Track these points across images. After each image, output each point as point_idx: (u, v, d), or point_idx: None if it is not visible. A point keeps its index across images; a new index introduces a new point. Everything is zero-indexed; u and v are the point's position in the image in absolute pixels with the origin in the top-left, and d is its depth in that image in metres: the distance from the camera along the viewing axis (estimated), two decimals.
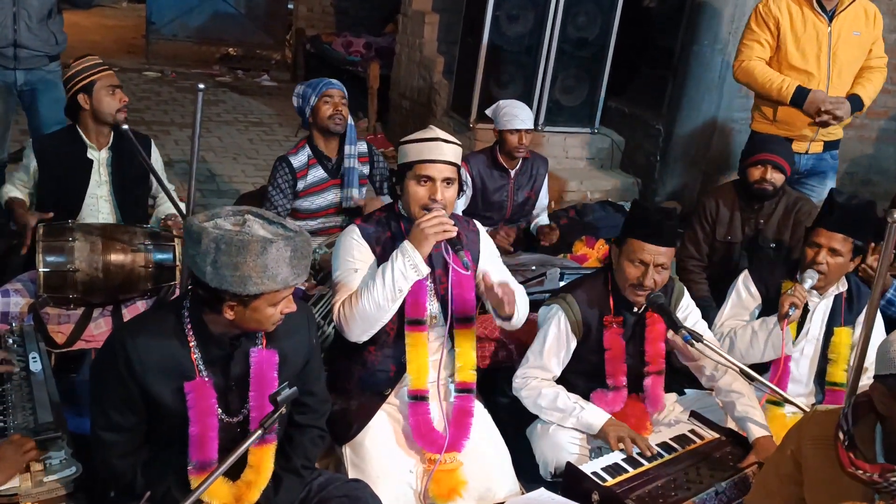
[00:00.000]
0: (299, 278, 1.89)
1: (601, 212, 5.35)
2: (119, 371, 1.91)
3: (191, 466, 1.97)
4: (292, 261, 1.84)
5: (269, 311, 1.90)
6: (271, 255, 1.81)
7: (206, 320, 1.95)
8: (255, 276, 1.81)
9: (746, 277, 3.10)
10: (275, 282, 1.83)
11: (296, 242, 1.86)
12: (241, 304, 1.87)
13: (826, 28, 3.93)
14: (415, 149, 2.48)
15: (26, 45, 3.94)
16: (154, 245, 3.06)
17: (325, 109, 3.54)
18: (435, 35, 6.64)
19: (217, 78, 8.82)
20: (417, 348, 2.53)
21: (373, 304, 2.41)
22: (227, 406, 2.02)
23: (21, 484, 2.04)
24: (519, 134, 3.95)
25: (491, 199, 4.07)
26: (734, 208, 3.66)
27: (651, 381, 2.80)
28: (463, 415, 2.54)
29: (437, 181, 2.46)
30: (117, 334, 2.01)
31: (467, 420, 2.54)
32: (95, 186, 3.33)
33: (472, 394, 2.57)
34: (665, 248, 2.64)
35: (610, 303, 2.75)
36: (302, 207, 3.60)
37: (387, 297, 2.40)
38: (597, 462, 2.55)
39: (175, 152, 6.17)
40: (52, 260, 2.89)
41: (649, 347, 2.78)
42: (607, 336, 2.74)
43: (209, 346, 1.98)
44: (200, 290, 1.89)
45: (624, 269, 2.67)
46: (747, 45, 4.10)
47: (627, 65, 6.23)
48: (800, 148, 4.10)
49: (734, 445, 2.70)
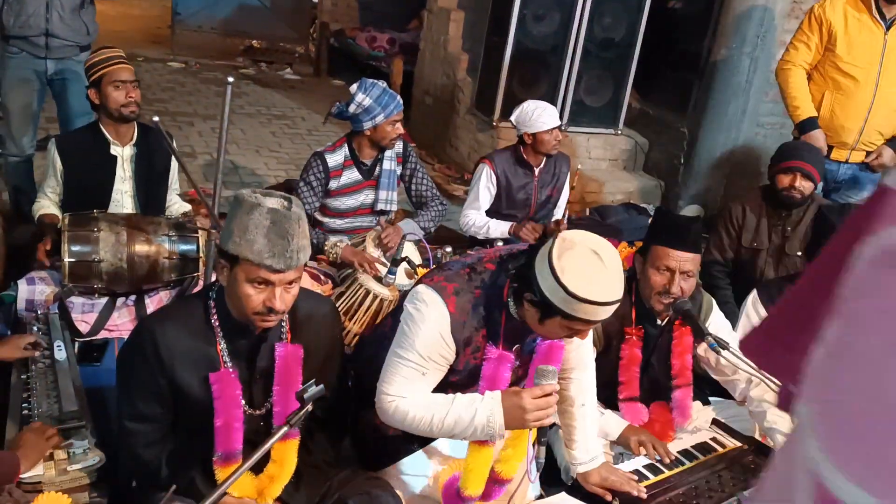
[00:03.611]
0: (276, 259, 1.82)
1: (624, 214, 5.33)
2: (147, 360, 1.93)
3: (216, 457, 1.98)
4: (269, 233, 1.81)
5: (247, 288, 1.85)
6: (253, 218, 1.82)
7: (228, 306, 1.96)
8: (236, 232, 1.83)
9: (756, 300, 3.03)
10: (250, 250, 1.81)
11: (278, 216, 1.82)
12: (228, 265, 1.88)
13: (882, 36, 3.91)
14: (580, 307, 1.92)
15: (58, 34, 3.96)
16: (178, 236, 3.08)
17: (389, 131, 3.47)
18: (460, 32, 6.63)
19: (240, 70, 8.84)
20: (479, 462, 2.16)
21: (428, 430, 2.13)
22: (252, 399, 2.03)
23: (45, 472, 2.06)
24: (554, 132, 3.94)
25: (515, 197, 4.05)
26: (761, 215, 3.62)
27: (680, 395, 2.73)
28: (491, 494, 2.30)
29: (586, 332, 2.11)
30: (146, 323, 2.03)
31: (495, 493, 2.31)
32: (119, 182, 3.34)
33: (504, 486, 2.30)
34: (691, 254, 2.57)
35: (632, 314, 2.68)
36: (332, 206, 3.58)
37: (444, 434, 2.13)
38: (618, 468, 2.53)
39: (199, 144, 6.19)
40: (78, 250, 2.91)
41: (676, 361, 2.71)
42: (625, 347, 2.68)
43: (235, 338, 1.99)
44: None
45: (649, 277, 2.59)
46: (795, 46, 4.11)
47: (653, 66, 6.19)
48: (840, 156, 4.08)
49: (756, 454, 2.68)
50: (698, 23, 5.94)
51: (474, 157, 5.87)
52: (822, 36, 4.01)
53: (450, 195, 5.70)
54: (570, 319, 1.95)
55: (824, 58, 4.04)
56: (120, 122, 3.28)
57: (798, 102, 4.07)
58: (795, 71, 4.09)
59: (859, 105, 3.97)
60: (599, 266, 1.93)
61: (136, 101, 3.25)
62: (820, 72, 4.08)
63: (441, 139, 6.75)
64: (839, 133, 4.06)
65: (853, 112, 3.98)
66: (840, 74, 3.99)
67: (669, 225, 2.62)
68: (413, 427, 2.13)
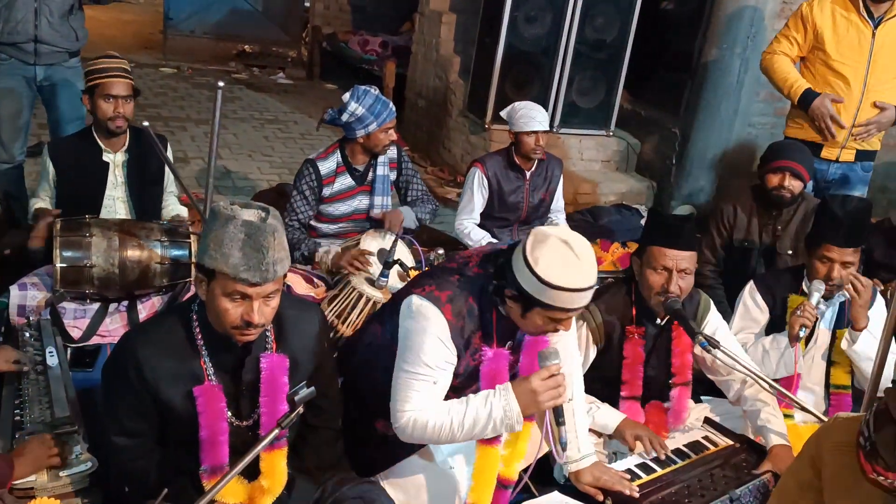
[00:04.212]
0: (251, 273, 1.80)
1: (616, 215, 5.34)
2: (130, 380, 1.92)
3: (202, 471, 1.97)
4: (244, 247, 1.80)
5: (224, 303, 1.85)
6: (228, 231, 1.81)
7: (210, 319, 1.94)
8: (211, 246, 1.83)
9: (752, 289, 3.07)
10: (226, 264, 1.80)
11: (253, 228, 1.81)
12: (205, 280, 1.87)
13: (870, 34, 3.93)
14: (561, 295, 2.02)
15: (47, 40, 3.95)
16: (170, 241, 3.08)
17: (382, 138, 3.46)
18: (452, 35, 6.64)
19: (233, 75, 8.83)
20: (486, 465, 2.23)
21: (449, 435, 2.14)
22: (238, 410, 2.02)
23: (37, 478, 2.06)
24: (535, 136, 3.93)
25: (507, 201, 4.05)
26: (752, 214, 3.63)
27: (678, 393, 2.75)
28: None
29: (568, 321, 2.17)
30: (127, 343, 1.99)
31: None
32: (111, 188, 3.35)
33: (509, 489, 2.38)
34: (686, 252, 2.62)
35: (632, 313, 2.71)
36: (326, 212, 3.57)
37: (465, 436, 2.15)
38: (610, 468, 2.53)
39: (191, 148, 6.18)
40: (69, 255, 2.91)
41: (676, 360, 2.74)
42: (628, 346, 2.70)
43: (219, 352, 1.97)
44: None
45: (647, 278, 2.63)
46: (778, 39, 4.15)
47: (644, 67, 6.20)
48: (830, 155, 4.09)
49: (748, 452, 2.69)
50: (689, 24, 5.96)
51: (467, 159, 5.89)
52: (807, 35, 4.03)
53: (443, 198, 5.70)
54: (548, 309, 2.05)
55: (814, 56, 4.06)
56: (107, 135, 3.30)
57: (791, 80, 4.05)
58: (778, 57, 4.10)
59: (849, 103, 3.99)
60: (571, 255, 2.03)
61: (125, 115, 3.25)
62: (810, 70, 4.10)
63: (434, 141, 6.76)
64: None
65: (843, 110, 4.00)
66: (829, 73, 4.00)
67: (663, 225, 2.66)
68: (435, 436, 2.15)
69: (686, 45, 5.94)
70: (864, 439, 1.73)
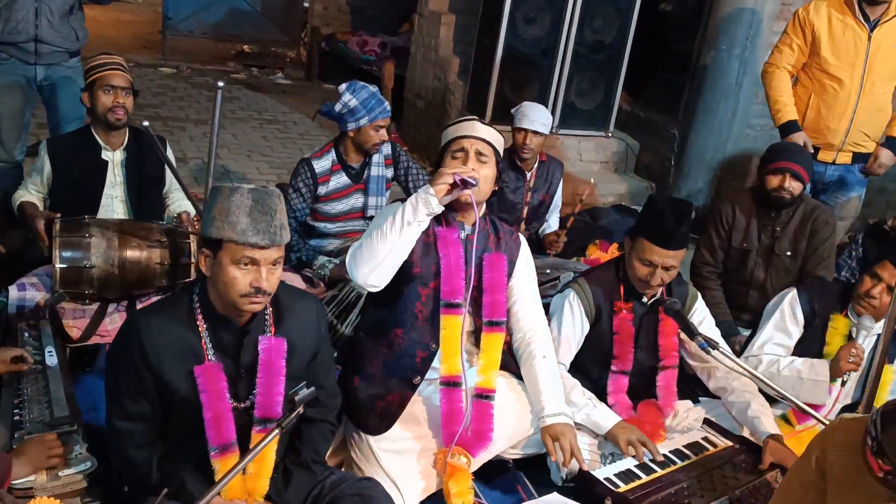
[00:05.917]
0: (259, 237, 1.91)
1: (615, 215, 5.34)
2: (133, 357, 1.96)
3: (212, 452, 1.99)
4: (252, 212, 1.90)
5: (232, 271, 1.92)
6: (234, 200, 1.91)
7: (211, 298, 2.00)
8: (218, 218, 1.91)
9: (794, 300, 3.01)
10: (234, 230, 1.90)
11: (259, 195, 1.93)
12: (211, 252, 1.94)
13: (866, 37, 3.95)
14: (451, 129, 2.53)
15: (47, 40, 3.95)
16: (170, 241, 3.08)
17: (372, 135, 3.47)
18: (451, 35, 6.64)
19: (232, 75, 8.82)
20: (452, 332, 2.50)
21: (380, 235, 2.36)
22: (237, 393, 2.05)
23: (36, 478, 2.06)
24: (524, 133, 3.94)
25: (507, 200, 4.06)
26: (751, 215, 3.63)
27: (664, 377, 2.82)
28: (483, 419, 2.52)
29: (469, 153, 2.45)
30: (131, 319, 2.07)
31: (487, 427, 2.52)
32: (110, 187, 3.34)
33: (491, 400, 2.54)
34: (675, 251, 2.67)
35: (621, 290, 2.81)
36: (322, 211, 3.58)
37: (394, 230, 2.35)
38: (609, 468, 2.55)
39: (190, 149, 6.18)
40: (69, 255, 2.90)
41: (663, 341, 2.82)
42: (617, 320, 2.79)
43: (218, 331, 2.02)
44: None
45: (633, 264, 2.73)
46: (780, 48, 4.17)
47: (643, 69, 6.21)
48: (826, 157, 4.11)
49: (748, 453, 2.70)
50: (688, 25, 5.98)
51: None
52: (806, 38, 4.05)
53: None
54: (452, 142, 2.48)
55: (810, 60, 4.08)
56: (108, 129, 3.29)
57: (780, 106, 4.12)
58: (779, 74, 4.13)
59: (845, 106, 4.01)
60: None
61: (125, 106, 3.25)
62: (807, 73, 4.12)
63: (433, 142, 6.74)
64: (825, 134, 4.09)
65: (839, 113, 4.02)
66: (825, 76, 4.03)
67: (658, 222, 2.68)
68: (373, 241, 2.36)
69: (685, 46, 5.95)
70: (871, 439, 1.74)
